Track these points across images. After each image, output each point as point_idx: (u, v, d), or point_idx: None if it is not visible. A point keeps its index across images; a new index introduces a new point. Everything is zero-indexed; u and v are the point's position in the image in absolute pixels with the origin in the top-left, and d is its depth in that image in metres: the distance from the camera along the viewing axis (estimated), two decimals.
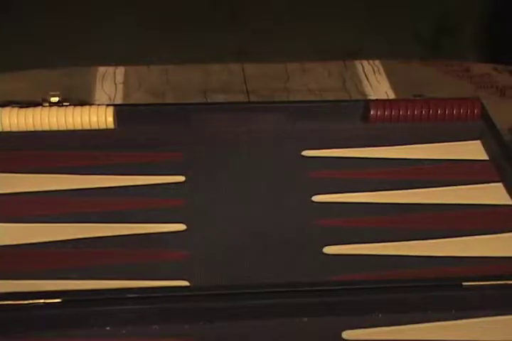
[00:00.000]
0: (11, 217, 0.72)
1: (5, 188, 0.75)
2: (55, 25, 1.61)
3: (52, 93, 0.83)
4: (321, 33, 1.72)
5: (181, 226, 0.72)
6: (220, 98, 0.90)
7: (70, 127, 0.81)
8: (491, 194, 0.76)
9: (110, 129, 0.81)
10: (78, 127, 0.81)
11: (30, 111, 0.81)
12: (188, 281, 0.67)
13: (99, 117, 0.81)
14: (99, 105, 0.83)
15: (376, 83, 0.87)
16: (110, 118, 0.81)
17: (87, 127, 0.81)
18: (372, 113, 0.84)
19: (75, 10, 1.84)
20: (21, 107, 0.81)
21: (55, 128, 0.81)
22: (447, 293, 0.66)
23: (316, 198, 0.75)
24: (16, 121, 0.80)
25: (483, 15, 1.91)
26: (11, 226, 0.71)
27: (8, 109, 0.81)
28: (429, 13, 1.92)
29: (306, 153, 0.81)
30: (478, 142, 0.83)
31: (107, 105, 0.83)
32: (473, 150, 0.82)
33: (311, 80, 0.85)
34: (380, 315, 0.65)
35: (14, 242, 0.70)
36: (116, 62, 0.94)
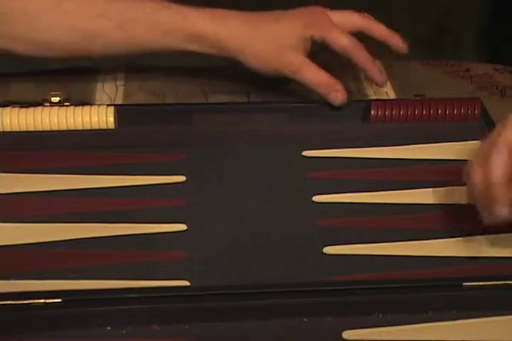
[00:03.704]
0: (11, 217, 0.72)
1: (5, 188, 0.75)
2: None
3: (53, 93, 0.83)
4: None
5: (182, 227, 0.72)
6: (221, 98, 0.90)
7: (71, 127, 0.81)
8: None
9: (111, 129, 0.81)
10: (79, 127, 0.81)
11: (30, 111, 0.81)
12: (189, 281, 0.67)
13: (99, 117, 0.81)
14: (99, 105, 0.83)
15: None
16: (111, 119, 0.81)
17: (87, 127, 0.81)
18: (372, 113, 0.84)
19: None
20: (22, 107, 0.81)
21: (55, 128, 0.81)
22: (447, 293, 0.66)
23: (317, 198, 0.75)
24: (16, 121, 0.80)
25: (483, 15, 1.91)
26: (11, 226, 0.71)
27: (8, 108, 0.81)
28: (429, 13, 1.92)
29: (306, 153, 0.81)
30: (478, 142, 0.83)
31: (108, 105, 0.83)
32: (473, 150, 0.82)
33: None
34: (381, 315, 0.65)
35: (14, 242, 0.69)
36: (116, 63, 0.94)
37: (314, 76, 0.83)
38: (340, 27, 0.84)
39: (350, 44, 0.83)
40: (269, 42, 0.83)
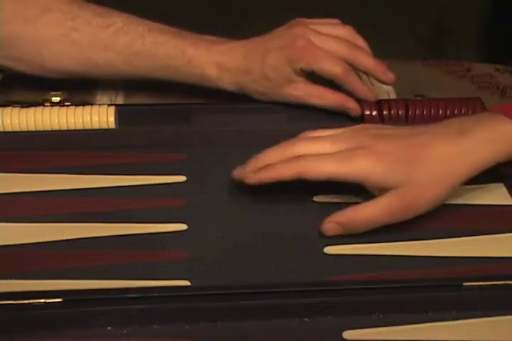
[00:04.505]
0: (11, 217, 0.72)
1: (5, 188, 0.75)
2: None
3: (53, 93, 0.83)
4: None
5: (182, 226, 0.72)
6: (221, 98, 0.90)
7: (72, 127, 0.81)
8: (491, 194, 0.76)
9: (111, 129, 0.82)
10: (79, 127, 0.81)
11: (31, 111, 0.81)
12: (189, 281, 0.67)
13: (100, 117, 0.81)
14: (100, 105, 0.83)
15: (378, 83, 0.87)
16: (111, 119, 0.81)
17: (88, 127, 0.81)
18: (372, 113, 0.84)
19: None
20: (22, 107, 0.81)
21: (56, 128, 0.81)
22: (447, 293, 0.66)
23: (317, 198, 0.76)
24: (17, 121, 0.80)
25: (483, 15, 1.91)
26: (11, 226, 0.71)
27: (9, 108, 0.81)
28: (429, 13, 1.92)
29: None
30: None
31: (109, 105, 0.83)
32: None
33: (313, 80, 0.85)
34: (381, 315, 0.65)
35: (14, 242, 0.70)
36: None
37: (321, 101, 0.84)
38: (326, 51, 0.82)
39: (341, 72, 0.82)
40: (263, 80, 0.83)
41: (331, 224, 0.71)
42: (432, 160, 0.70)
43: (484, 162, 0.71)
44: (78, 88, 0.89)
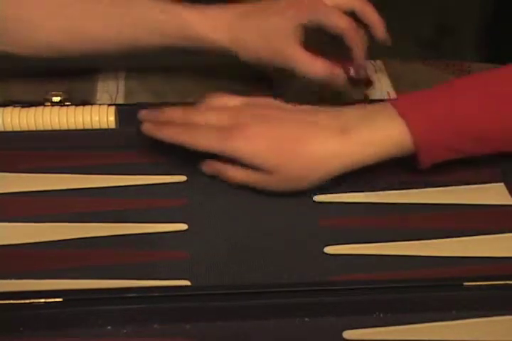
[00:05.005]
0: (10, 217, 0.72)
1: (5, 188, 0.75)
2: None
3: (54, 93, 0.83)
4: None
5: (183, 226, 0.72)
6: None
7: (72, 127, 0.81)
8: (492, 194, 0.76)
9: (112, 129, 0.81)
10: (80, 127, 0.81)
11: (31, 110, 0.81)
12: (189, 281, 0.67)
13: (100, 117, 0.81)
14: (100, 105, 0.83)
15: (378, 83, 0.87)
16: (112, 118, 0.81)
17: (88, 127, 0.81)
18: None
19: None
20: (23, 107, 0.81)
21: (56, 127, 0.81)
22: (448, 293, 0.66)
23: (318, 198, 0.76)
24: (17, 120, 0.80)
25: (483, 15, 1.90)
26: (11, 226, 0.71)
27: (9, 108, 0.81)
28: (429, 13, 1.92)
29: None
30: None
31: (109, 105, 0.83)
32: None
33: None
34: (381, 315, 0.65)
35: (14, 242, 0.70)
36: (117, 62, 0.94)
37: (309, 68, 0.82)
38: (334, 6, 0.82)
39: (348, 26, 0.81)
40: (262, 37, 0.83)
41: (206, 167, 0.76)
42: (305, 157, 0.72)
43: (359, 163, 0.73)
44: (79, 85, 0.89)
